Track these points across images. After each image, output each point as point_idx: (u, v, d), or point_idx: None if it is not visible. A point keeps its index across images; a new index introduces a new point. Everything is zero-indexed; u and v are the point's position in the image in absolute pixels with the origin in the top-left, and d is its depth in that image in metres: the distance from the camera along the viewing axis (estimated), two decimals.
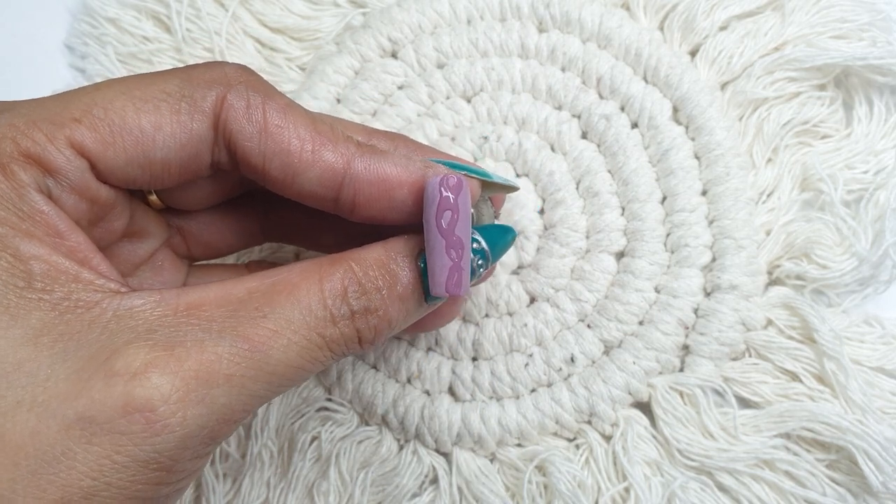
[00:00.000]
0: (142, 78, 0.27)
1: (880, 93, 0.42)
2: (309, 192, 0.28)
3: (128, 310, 0.24)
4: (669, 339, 0.40)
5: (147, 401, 0.22)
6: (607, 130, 0.43)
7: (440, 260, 0.27)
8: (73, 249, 0.25)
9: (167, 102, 0.26)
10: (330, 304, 0.26)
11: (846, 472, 0.38)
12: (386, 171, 0.28)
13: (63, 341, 0.23)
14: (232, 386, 0.24)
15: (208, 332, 0.24)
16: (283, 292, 0.26)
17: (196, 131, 0.27)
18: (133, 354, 0.23)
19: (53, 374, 0.23)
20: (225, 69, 0.27)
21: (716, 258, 0.41)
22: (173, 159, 0.27)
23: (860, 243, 0.40)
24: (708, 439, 0.39)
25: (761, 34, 0.43)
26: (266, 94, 0.27)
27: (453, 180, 0.27)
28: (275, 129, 0.27)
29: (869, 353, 0.40)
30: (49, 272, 0.24)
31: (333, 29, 0.47)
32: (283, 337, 0.25)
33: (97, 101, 0.25)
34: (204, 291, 0.25)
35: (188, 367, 0.23)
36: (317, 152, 0.27)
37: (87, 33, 0.47)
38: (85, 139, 0.25)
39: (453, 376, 0.41)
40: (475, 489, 0.39)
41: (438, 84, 0.44)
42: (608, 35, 0.44)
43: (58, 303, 0.23)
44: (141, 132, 0.26)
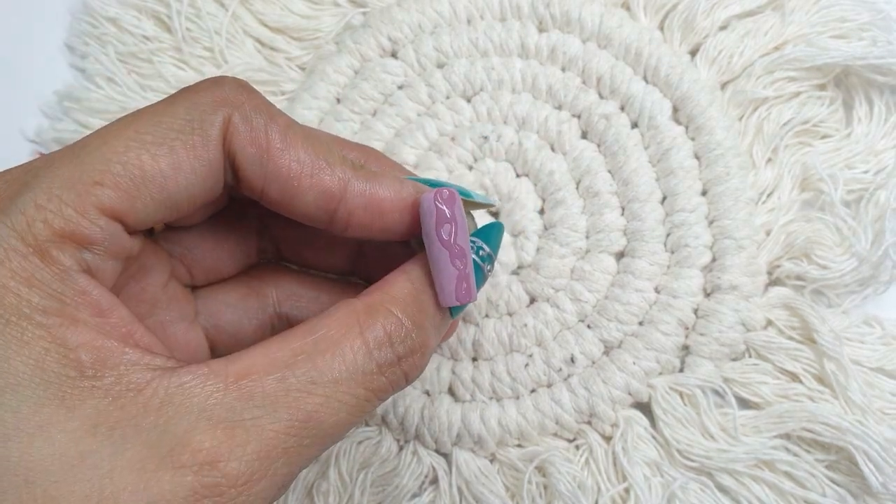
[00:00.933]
0: (147, 118, 0.26)
1: (880, 92, 0.42)
2: (305, 213, 0.28)
3: (178, 387, 0.24)
4: (669, 339, 0.40)
5: (216, 486, 0.23)
6: (607, 130, 0.42)
7: (447, 271, 0.28)
8: (117, 326, 0.25)
9: (180, 140, 0.26)
10: (376, 356, 0.26)
11: (846, 472, 0.38)
12: (380, 194, 0.28)
13: (120, 428, 0.23)
14: (290, 456, 0.25)
15: (263, 408, 0.24)
16: (328, 352, 0.26)
17: (212, 160, 0.27)
18: (197, 443, 0.23)
19: (117, 464, 0.23)
20: (225, 89, 0.27)
21: (716, 258, 0.41)
22: (197, 192, 0.27)
23: (860, 243, 0.40)
24: (708, 440, 0.39)
25: (761, 34, 0.43)
26: (268, 114, 0.27)
27: (446, 193, 0.28)
28: (276, 151, 0.27)
29: (869, 354, 0.40)
30: (98, 358, 0.24)
31: (333, 28, 0.47)
32: (333, 401, 0.25)
33: (111, 157, 0.25)
34: (250, 358, 0.25)
35: (251, 449, 0.24)
36: (315, 176, 0.27)
37: (88, 33, 0.47)
38: (113, 202, 0.25)
39: (453, 377, 0.41)
40: (475, 489, 0.39)
41: (438, 84, 0.44)
42: (608, 35, 0.44)
43: (109, 388, 0.23)
44: (163, 177, 0.26)
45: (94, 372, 0.23)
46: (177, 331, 0.32)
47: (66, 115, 0.46)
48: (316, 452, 0.26)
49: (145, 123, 0.26)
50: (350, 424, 0.26)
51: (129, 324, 0.25)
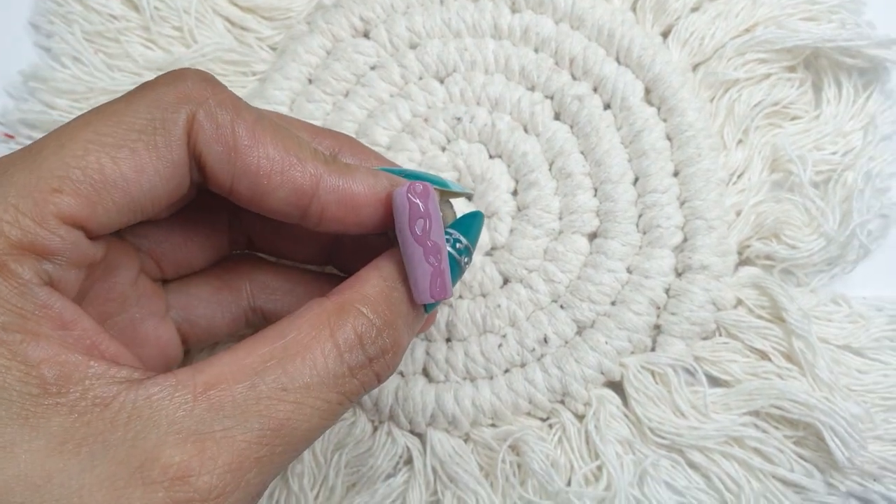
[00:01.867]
0: (106, 117, 0.25)
1: (849, 74, 0.43)
2: (276, 209, 0.28)
3: (146, 400, 0.23)
4: (641, 319, 0.40)
5: (188, 502, 0.23)
6: (580, 111, 0.43)
7: (421, 268, 0.27)
8: (80, 338, 0.24)
9: (142, 141, 0.25)
10: (347, 359, 0.26)
11: (813, 448, 0.39)
12: (353, 189, 0.28)
13: (88, 445, 0.22)
14: (262, 465, 0.24)
15: (233, 418, 0.24)
16: (298, 357, 0.25)
17: (176, 160, 0.26)
18: (167, 457, 0.23)
19: (86, 482, 0.22)
20: (188, 83, 0.26)
21: (687, 239, 0.41)
22: (161, 194, 0.26)
23: (828, 224, 0.40)
24: (679, 417, 0.39)
25: (732, 15, 0.43)
26: (235, 110, 0.26)
27: (419, 188, 0.27)
28: (244, 149, 0.26)
29: (836, 332, 0.40)
30: (61, 373, 0.23)
31: (305, 8, 0.46)
32: (305, 407, 0.25)
33: (70, 162, 0.24)
34: (217, 366, 0.24)
35: (222, 462, 0.23)
36: (286, 173, 0.27)
37: (53, 11, 0.46)
38: (72, 209, 0.24)
39: (427, 357, 0.41)
40: (449, 469, 0.39)
41: (411, 64, 0.44)
42: (581, 16, 0.44)
43: (75, 404, 0.23)
44: (125, 181, 0.25)
45: (59, 388, 0.23)
46: (147, 327, 0.31)
47: (32, 96, 0.45)
48: (289, 459, 0.25)
49: (104, 124, 0.25)
50: (323, 429, 0.26)
51: (93, 335, 0.25)
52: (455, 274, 0.29)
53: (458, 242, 0.29)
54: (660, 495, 0.38)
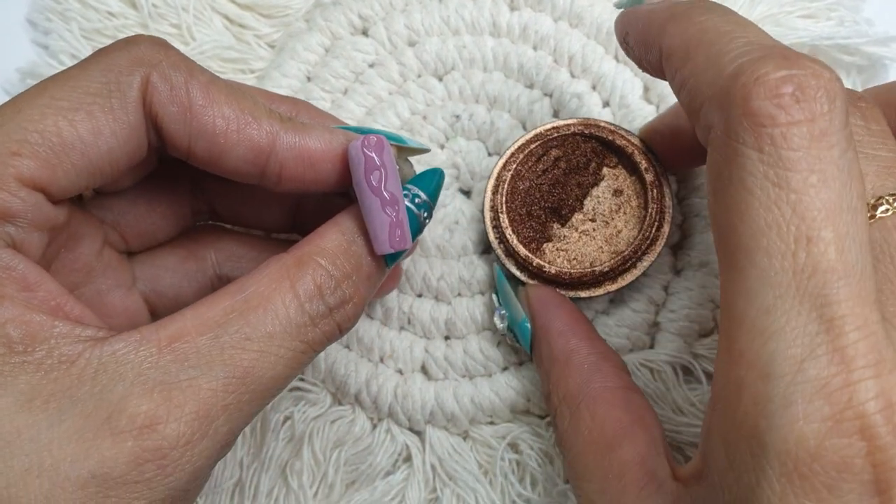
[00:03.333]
0: (61, 82, 0.26)
1: (847, 72, 0.43)
2: (234, 169, 0.28)
3: (111, 356, 0.24)
4: (640, 316, 0.40)
5: (157, 450, 0.23)
6: (579, 109, 0.43)
7: (379, 219, 0.28)
8: (45, 300, 0.25)
9: (98, 104, 0.25)
10: (308, 308, 0.26)
11: None
12: (310, 145, 0.28)
13: (55, 401, 0.23)
14: (230, 413, 0.25)
15: (198, 368, 0.24)
16: (259, 307, 0.26)
17: (133, 122, 0.26)
18: (134, 407, 0.23)
19: (55, 436, 0.23)
20: (141, 47, 0.27)
21: (686, 236, 0.41)
22: (120, 156, 0.26)
23: None
24: (678, 415, 0.39)
25: None
26: (188, 71, 0.27)
27: (374, 140, 0.27)
28: (199, 109, 0.27)
29: None
30: (27, 333, 0.23)
31: (303, 6, 0.46)
32: (269, 355, 0.25)
33: (27, 126, 0.24)
34: (181, 321, 0.25)
35: (189, 410, 0.24)
36: (242, 131, 0.27)
37: (50, 8, 0.46)
38: (32, 171, 0.24)
39: (426, 355, 0.41)
40: (448, 467, 0.39)
41: (410, 62, 0.44)
42: (580, 13, 0.44)
43: (41, 362, 0.23)
44: (83, 143, 0.25)
45: (24, 347, 0.23)
46: (114, 298, 0.31)
47: None
48: (256, 408, 0.26)
49: (60, 89, 0.25)
50: (288, 378, 0.27)
51: (58, 296, 0.25)
52: (414, 228, 0.30)
53: (416, 197, 0.30)
54: None
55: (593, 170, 0.39)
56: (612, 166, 0.39)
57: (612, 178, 0.39)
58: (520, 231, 0.39)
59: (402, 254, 0.30)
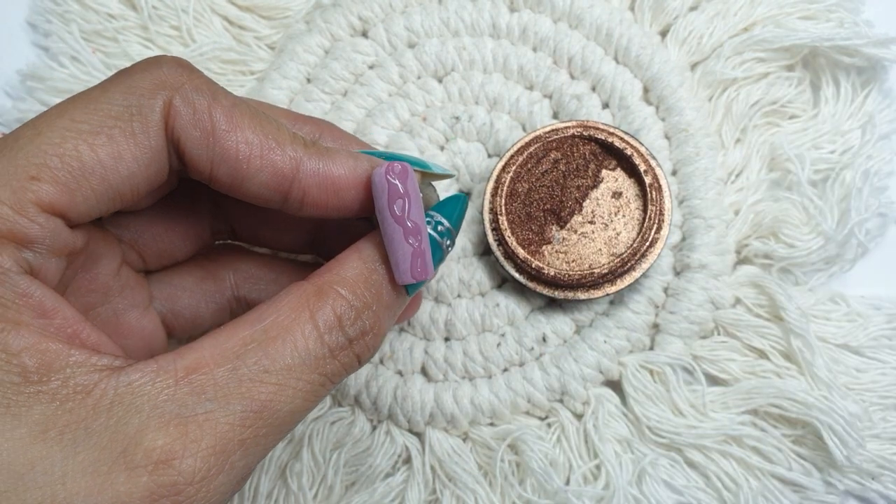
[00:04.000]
0: (82, 104, 0.25)
1: (847, 73, 0.43)
2: (256, 194, 0.28)
3: (127, 387, 0.23)
4: (640, 317, 0.40)
5: (173, 486, 0.23)
6: (579, 110, 0.43)
7: (401, 249, 0.27)
8: (62, 327, 0.24)
9: (119, 128, 0.25)
10: (327, 340, 0.26)
11: (812, 446, 0.39)
12: (334, 171, 0.28)
13: (70, 432, 0.22)
14: (247, 448, 0.24)
15: (215, 401, 0.24)
16: (278, 339, 0.25)
17: (154, 147, 0.26)
18: (150, 441, 0.23)
19: (69, 469, 0.22)
20: (163, 69, 0.26)
21: (685, 238, 0.41)
22: (140, 181, 0.26)
23: (826, 222, 0.40)
24: (677, 416, 0.39)
25: (731, 14, 0.43)
26: (212, 94, 0.26)
27: (398, 168, 0.27)
28: (222, 133, 0.26)
29: (834, 331, 0.40)
30: (43, 362, 0.23)
31: (303, 7, 0.46)
32: (287, 388, 0.25)
33: (47, 150, 0.24)
34: (199, 351, 0.24)
35: (205, 445, 0.23)
36: (265, 157, 0.27)
37: (51, 10, 0.46)
38: (51, 196, 0.24)
39: (426, 357, 0.41)
40: (448, 468, 0.39)
41: (409, 64, 0.44)
42: (579, 15, 0.44)
43: (56, 392, 0.23)
44: (103, 168, 0.25)
45: (40, 377, 0.23)
46: (131, 318, 0.31)
47: (30, 95, 0.45)
48: (273, 442, 0.25)
49: (81, 111, 0.25)
50: (306, 410, 0.26)
51: (74, 323, 0.24)
52: (437, 256, 0.29)
53: (439, 225, 0.29)
54: (658, 494, 0.38)
55: (592, 172, 0.39)
56: (612, 169, 0.39)
57: (612, 180, 0.39)
58: (519, 233, 0.39)
59: (424, 283, 0.29)
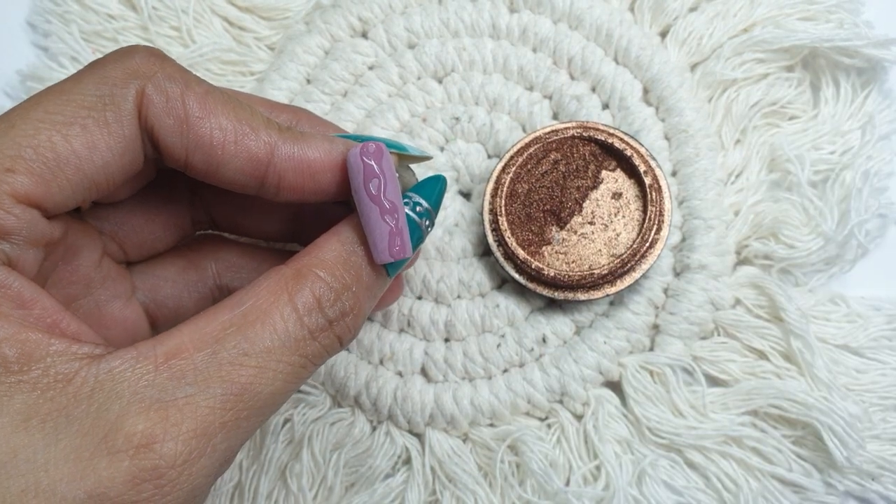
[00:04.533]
0: (55, 96, 0.25)
1: (847, 74, 0.43)
2: (232, 180, 0.28)
3: (108, 373, 0.23)
4: (640, 318, 0.40)
5: (154, 469, 0.23)
6: (578, 111, 0.43)
7: (378, 228, 0.27)
8: (41, 317, 0.24)
9: (92, 118, 0.25)
10: (307, 322, 0.26)
11: (812, 447, 0.39)
12: (309, 155, 0.28)
13: (52, 420, 0.23)
14: (228, 430, 0.24)
15: (195, 385, 0.24)
16: (257, 322, 0.25)
17: (128, 135, 0.26)
18: (130, 426, 0.23)
19: (52, 456, 0.22)
20: (135, 59, 0.26)
21: (685, 238, 0.41)
22: (115, 170, 0.26)
23: (826, 223, 0.40)
24: (677, 417, 0.39)
25: (730, 15, 0.43)
26: (184, 82, 0.26)
27: (372, 148, 0.27)
28: (196, 120, 0.26)
29: (834, 332, 0.40)
30: (23, 352, 0.23)
31: (303, 8, 0.46)
32: (267, 371, 0.25)
33: (21, 142, 0.24)
34: (178, 336, 0.25)
35: (186, 428, 0.23)
36: (240, 143, 0.27)
37: (50, 11, 0.46)
38: (26, 187, 0.24)
39: (426, 357, 0.41)
40: (448, 469, 0.39)
41: (409, 64, 0.44)
42: (579, 16, 0.44)
43: (37, 381, 0.23)
44: (78, 158, 0.25)
45: (20, 366, 0.23)
46: (113, 309, 0.31)
47: (29, 95, 0.45)
48: (256, 424, 0.26)
49: (54, 102, 0.25)
50: (288, 393, 0.26)
51: (54, 313, 0.25)
52: (416, 236, 0.29)
53: (418, 205, 0.29)
54: (658, 495, 0.38)
55: (592, 173, 0.39)
56: (611, 169, 0.39)
57: (611, 181, 0.39)
58: (518, 234, 0.39)
59: (404, 263, 0.29)
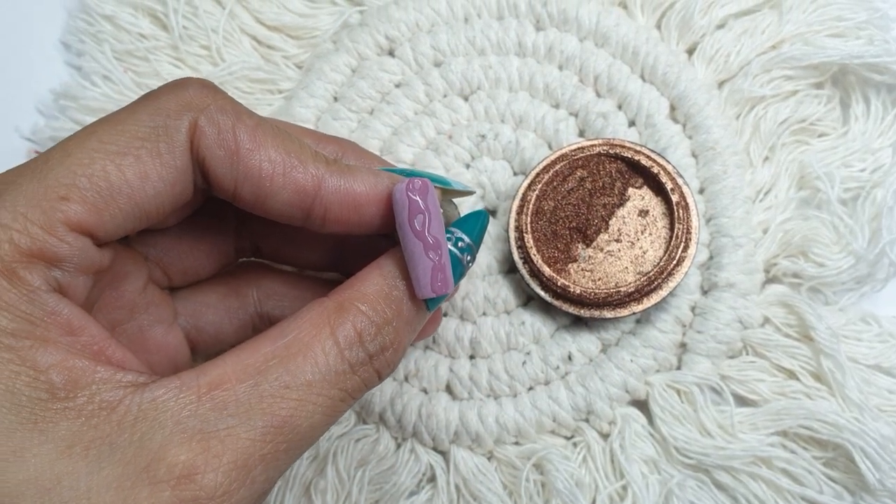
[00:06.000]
0: (110, 126, 0.26)
1: (877, 91, 0.42)
2: (279, 211, 0.28)
3: (151, 402, 0.24)
4: (667, 337, 0.40)
5: (195, 500, 0.23)
6: (605, 129, 0.43)
7: (421, 263, 0.27)
8: (88, 344, 0.25)
9: (145, 149, 0.25)
10: (347, 356, 0.26)
11: (843, 469, 0.38)
12: (355, 188, 0.28)
13: (95, 447, 0.23)
14: (267, 463, 0.25)
15: (236, 416, 0.24)
16: (299, 355, 0.26)
17: (180, 167, 0.26)
18: (173, 456, 0.23)
19: (94, 484, 0.23)
20: (189, 91, 0.27)
21: (713, 256, 0.41)
22: (166, 200, 0.27)
23: (857, 241, 0.40)
24: (705, 437, 0.39)
25: (758, 32, 0.43)
26: (236, 114, 0.27)
27: (418, 184, 0.27)
28: (246, 152, 0.27)
29: (866, 351, 0.40)
30: (69, 378, 0.23)
31: (331, 27, 0.47)
32: (308, 404, 0.25)
33: (76, 170, 0.24)
34: (221, 367, 0.25)
35: (227, 460, 0.24)
36: (288, 175, 0.27)
37: (84, 30, 0.47)
38: (80, 216, 0.24)
39: (451, 374, 0.41)
40: (473, 487, 0.39)
41: (436, 82, 0.44)
42: (605, 33, 0.44)
43: (82, 408, 0.23)
44: (130, 187, 0.25)
45: (67, 393, 0.23)
46: (156, 334, 0.31)
47: (63, 114, 0.46)
48: (294, 457, 0.26)
49: (108, 133, 0.25)
50: (325, 426, 0.26)
51: (100, 340, 0.25)
52: (457, 272, 0.29)
53: (460, 241, 0.30)
54: None
55: (619, 190, 0.39)
56: (638, 187, 0.39)
57: (638, 198, 0.39)
58: (544, 251, 0.39)
59: (444, 298, 0.29)
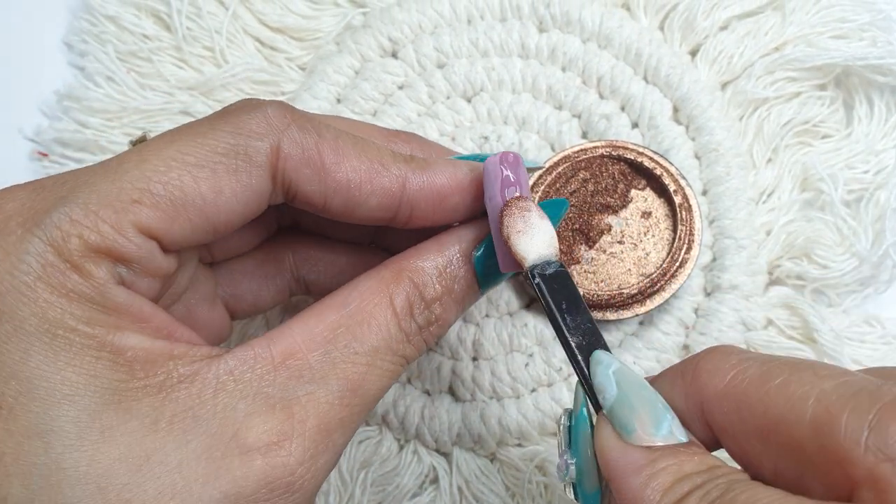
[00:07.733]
0: (190, 137, 0.26)
1: (881, 92, 0.42)
2: (369, 216, 0.29)
3: (229, 374, 0.24)
4: (670, 339, 0.40)
5: (286, 468, 0.24)
6: (608, 130, 0.43)
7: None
8: (159, 329, 0.25)
9: (223, 164, 0.26)
10: (403, 325, 0.27)
11: None
12: (437, 182, 0.29)
13: (179, 421, 0.23)
14: (346, 427, 0.26)
15: (313, 382, 0.25)
16: (364, 323, 0.27)
17: (256, 187, 0.27)
18: (259, 426, 0.24)
19: (184, 457, 0.23)
20: (268, 111, 0.27)
21: (716, 258, 0.41)
22: (236, 217, 0.27)
23: (860, 243, 0.40)
24: None
25: (762, 34, 0.43)
26: (317, 132, 0.27)
27: (511, 157, 0.28)
28: (332, 167, 0.27)
29: (869, 353, 0.40)
30: (146, 359, 0.24)
31: (334, 29, 0.47)
32: (376, 368, 0.26)
33: (152, 176, 0.25)
34: (289, 336, 0.26)
35: (311, 425, 0.25)
36: (374, 181, 0.28)
37: (87, 31, 0.47)
38: (150, 220, 0.25)
39: (453, 376, 0.41)
40: (475, 489, 0.39)
41: (439, 84, 0.44)
42: (608, 35, 0.44)
43: (162, 384, 0.24)
44: (203, 200, 0.26)
45: (146, 372, 0.24)
46: (202, 311, 0.32)
47: (66, 115, 0.46)
48: (362, 421, 0.27)
49: (188, 144, 0.26)
50: (386, 390, 0.28)
51: (171, 326, 0.26)
52: None
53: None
54: None
55: (621, 192, 0.39)
56: (641, 188, 0.39)
57: (641, 200, 0.39)
58: None
59: (500, 280, 0.30)
